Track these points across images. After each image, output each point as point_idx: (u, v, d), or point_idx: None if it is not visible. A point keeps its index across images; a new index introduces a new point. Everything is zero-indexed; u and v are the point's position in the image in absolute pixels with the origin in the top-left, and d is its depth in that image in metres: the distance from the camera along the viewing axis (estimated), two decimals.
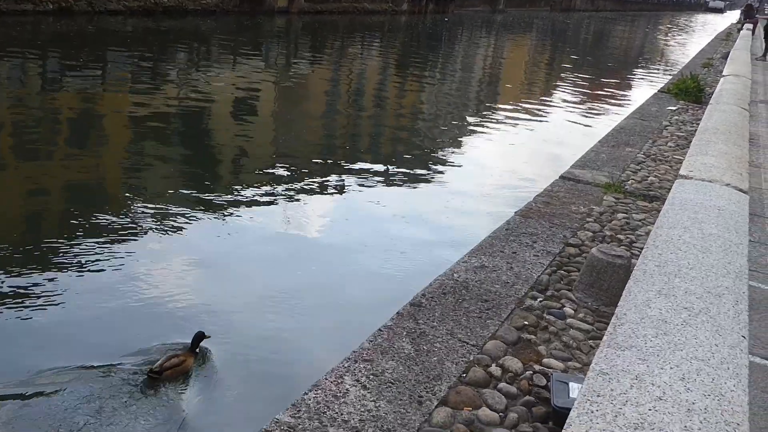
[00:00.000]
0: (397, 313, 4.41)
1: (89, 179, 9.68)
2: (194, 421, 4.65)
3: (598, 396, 1.56)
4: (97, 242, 7.11)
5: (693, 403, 1.55)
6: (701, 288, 2.13)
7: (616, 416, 1.53)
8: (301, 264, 7.37)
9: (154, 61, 20.32)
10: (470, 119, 17.10)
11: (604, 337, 1.87)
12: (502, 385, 3.79)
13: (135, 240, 7.48)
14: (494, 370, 3.91)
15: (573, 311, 4.78)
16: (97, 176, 9.93)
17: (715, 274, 2.25)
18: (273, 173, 10.65)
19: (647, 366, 1.68)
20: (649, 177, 8.41)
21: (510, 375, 3.89)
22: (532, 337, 4.37)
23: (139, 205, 8.46)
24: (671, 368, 1.68)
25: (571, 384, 3.57)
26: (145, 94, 15.41)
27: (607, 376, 1.63)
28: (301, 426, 3.10)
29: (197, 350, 5.20)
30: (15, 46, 18.99)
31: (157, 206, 8.42)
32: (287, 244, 7.97)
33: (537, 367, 4.01)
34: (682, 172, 3.71)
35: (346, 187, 10.11)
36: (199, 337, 5.21)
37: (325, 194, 9.81)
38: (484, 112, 17.79)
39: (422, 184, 10.64)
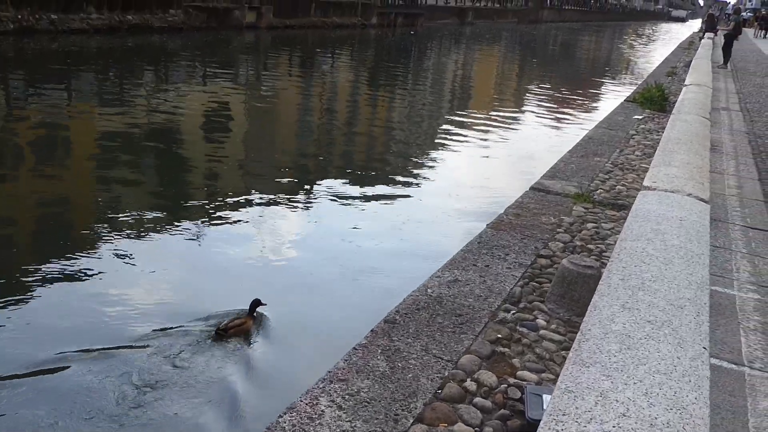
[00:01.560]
0: (372, 330, 4.42)
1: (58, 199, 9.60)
2: (253, 369, 5.65)
3: (564, 414, 1.58)
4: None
5: (656, 418, 1.57)
6: (664, 300, 2.17)
7: None
8: (271, 280, 7.35)
9: (121, 80, 20.20)
10: (440, 132, 17.19)
11: (570, 354, 1.90)
12: (477, 399, 3.81)
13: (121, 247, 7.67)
14: (469, 384, 3.93)
15: (545, 323, 4.82)
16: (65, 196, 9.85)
17: (677, 285, 2.29)
18: (243, 190, 10.63)
19: (611, 382, 1.70)
20: (617, 186, 8.52)
21: (485, 389, 3.91)
22: (506, 350, 4.40)
23: (109, 224, 8.44)
24: (635, 383, 1.71)
25: (544, 396, 3.61)
26: (112, 113, 15.27)
27: (573, 394, 1.65)
28: None
29: (255, 314, 6.15)
30: None
31: (128, 222, 8.39)
32: (259, 259, 7.95)
33: (511, 380, 4.03)
34: (645, 182, 3.77)
35: (316, 203, 10.11)
36: (256, 303, 6.15)
37: (295, 210, 9.80)
38: (454, 125, 17.89)
39: (393, 199, 10.67)
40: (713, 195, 4.06)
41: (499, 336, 4.54)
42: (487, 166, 13.43)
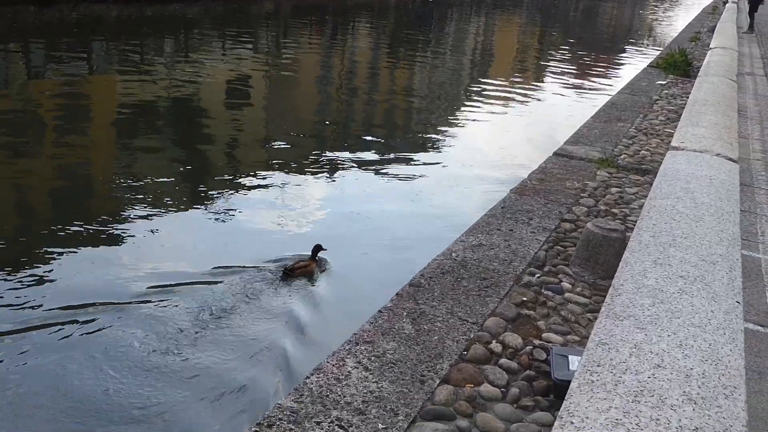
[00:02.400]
0: (397, 294, 4.42)
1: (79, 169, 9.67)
2: (316, 303, 6.30)
3: (598, 366, 1.57)
4: None
5: (691, 369, 1.56)
6: (696, 256, 2.14)
7: (616, 385, 1.54)
8: (296, 249, 7.38)
9: (142, 49, 20.14)
10: (462, 99, 17.07)
11: (602, 308, 1.88)
12: (502, 361, 3.80)
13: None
14: (495, 346, 3.93)
15: (570, 286, 4.80)
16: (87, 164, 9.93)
17: (708, 242, 2.26)
18: (267, 158, 10.66)
19: (645, 335, 1.69)
20: (641, 151, 8.42)
21: (510, 351, 3.91)
22: (531, 312, 4.39)
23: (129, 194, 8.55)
24: (669, 336, 1.69)
25: (570, 357, 3.60)
26: (133, 82, 15.26)
27: (606, 346, 1.64)
28: (304, 410, 3.12)
29: (317, 258, 6.80)
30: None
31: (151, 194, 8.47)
32: (282, 228, 7.98)
33: (537, 341, 4.03)
34: (673, 143, 3.71)
35: (340, 171, 10.11)
36: (318, 248, 6.80)
37: (319, 178, 9.81)
38: (476, 92, 17.74)
39: (416, 165, 10.64)
40: (738, 159, 4.00)
41: (524, 299, 4.53)
42: (510, 132, 13.33)
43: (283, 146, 11.45)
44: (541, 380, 3.64)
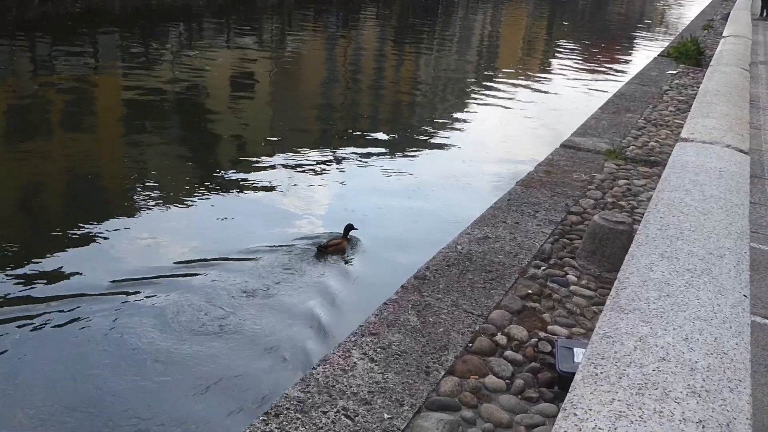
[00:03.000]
0: (402, 286, 4.45)
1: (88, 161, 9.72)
2: (348, 277, 6.78)
3: (602, 358, 1.59)
4: None
5: (696, 362, 1.58)
6: (703, 249, 2.16)
7: (620, 377, 1.56)
8: (302, 238, 7.43)
9: (145, 41, 20.14)
10: (469, 90, 17.05)
11: (608, 301, 1.90)
12: (507, 353, 3.83)
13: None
14: (500, 338, 3.95)
15: (576, 278, 4.82)
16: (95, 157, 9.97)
17: (716, 235, 2.28)
18: (274, 148, 10.67)
19: (650, 328, 1.71)
20: (650, 142, 8.41)
21: (515, 343, 3.94)
22: (537, 305, 4.41)
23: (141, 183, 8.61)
24: (674, 329, 1.71)
25: (575, 349, 3.62)
26: (138, 74, 15.30)
27: (611, 339, 1.66)
28: (311, 400, 3.15)
29: (349, 237, 7.23)
30: (1, 33, 18.74)
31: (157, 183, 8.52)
32: (289, 216, 8.01)
33: (542, 334, 4.05)
34: (683, 134, 3.71)
35: (345, 162, 10.14)
36: (349, 227, 7.23)
37: (325, 169, 9.83)
38: (484, 82, 17.71)
39: (422, 156, 10.66)
40: (750, 150, 3.99)
41: (530, 291, 4.55)
42: (517, 123, 13.31)
43: (288, 137, 11.46)
44: (546, 372, 3.66)
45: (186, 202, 8.43)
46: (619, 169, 7.30)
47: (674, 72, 13.49)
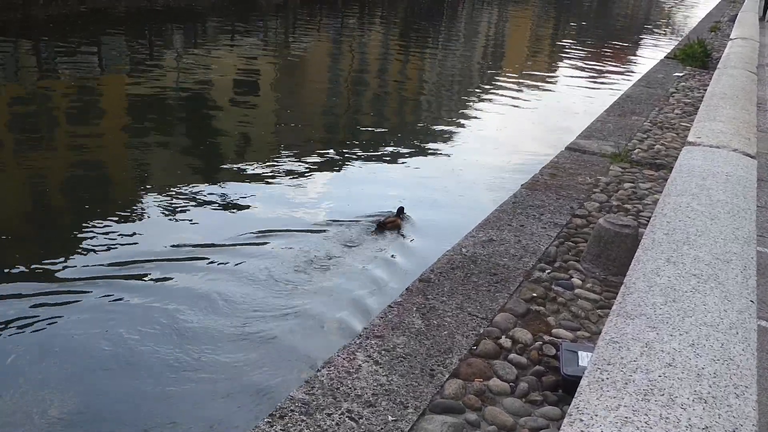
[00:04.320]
0: (407, 289, 4.47)
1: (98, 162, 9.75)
2: (402, 250, 7.38)
3: (609, 364, 1.59)
4: None
5: (702, 368, 1.58)
6: (710, 255, 2.16)
7: (626, 383, 1.56)
8: (307, 238, 7.43)
9: (150, 42, 20.16)
10: (474, 91, 17.05)
11: (614, 306, 1.91)
12: (512, 356, 3.84)
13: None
14: (504, 341, 3.96)
15: (581, 282, 4.83)
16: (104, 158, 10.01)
17: (723, 240, 2.28)
18: (278, 149, 10.70)
19: (657, 333, 1.71)
20: (655, 145, 8.40)
21: (520, 346, 3.95)
22: (541, 308, 4.42)
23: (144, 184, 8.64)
24: (681, 335, 1.71)
25: (580, 353, 3.63)
26: (143, 74, 15.32)
27: (617, 345, 1.66)
28: (315, 402, 3.16)
29: (402, 216, 7.92)
30: (6, 33, 18.78)
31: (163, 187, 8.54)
32: (294, 218, 8.01)
33: (546, 337, 4.06)
34: (690, 138, 3.71)
35: (350, 163, 10.15)
36: (401, 209, 7.95)
37: (330, 169, 9.85)
38: (488, 84, 17.70)
39: (427, 159, 10.66)
40: (757, 154, 3.99)
41: (534, 295, 4.56)
42: (523, 125, 13.31)
43: (293, 137, 11.47)
44: (551, 375, 3.67)
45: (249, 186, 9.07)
46: (625, 172, 7.30)
47: (681, 74, 13.48)
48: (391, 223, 7.80)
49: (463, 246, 5.22)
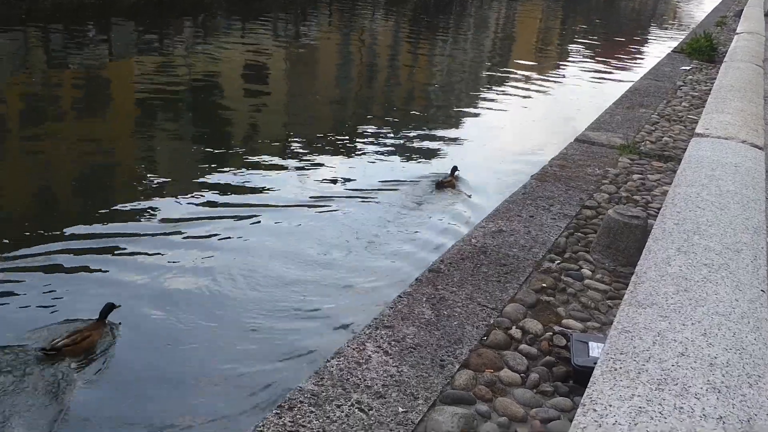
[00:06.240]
0: (416, 279, 4.43)
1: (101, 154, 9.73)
2: (464, 203, 8.27)
3: (621, 354, 1.56)
4: None
5: (715, 358, 1.54)
6: (720, 244, 2.12)
7: (639, 373, 1.53)
8: (316, 232, 7.39)
9: (161, 32, 20.03)
10: (483, 84, 16.95)
11: (625, 296, 1.87)
12: (522, 346, 3.80)
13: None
14: (515, 332, 3.92)
15: (590, 272, 4.78)
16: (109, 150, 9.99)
17: (733, 230, 2.24)
18: (287, 142, 10.65)
19: (669, 323, 1.67)
20: (663, 137, 8.32)
21: (530, 336, 3.90)
22: (551, 299, 4.38)
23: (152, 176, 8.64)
24: (693, 324, 1.67)
25: (590, 343, 3.58)
26: (152, 64, 15.23)
27: (630, 334, 1.63)
28: (325, 393, 3.13)
29: (455, 175, 8.77)
30: (15, 22, 18.62)
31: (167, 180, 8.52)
32: (304, 210, 7.97)
33: (557, 328, 4.02)
34: (698, 130, 3.66)
35: (357, 154, 10.14)
36: (455, 168, 8.83)
37: (338, 161, 9.80)
38: (498, 77, 17.60)
39: (437, 150, 10.61)
40: (765, 145, 3.93)
41: (544, 285, 4.52)
42: (532, 118, 13.22)
43: (299, 132, 11.43)
44: (561, 366, 3.63)
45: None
46: (633, 164, 7.23)
47: (688, 68, 13.35)
48: (448, 183, 8.65)
49: (472, 237, 5.18)
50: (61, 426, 4.36)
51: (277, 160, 9.55)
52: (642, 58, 21.94)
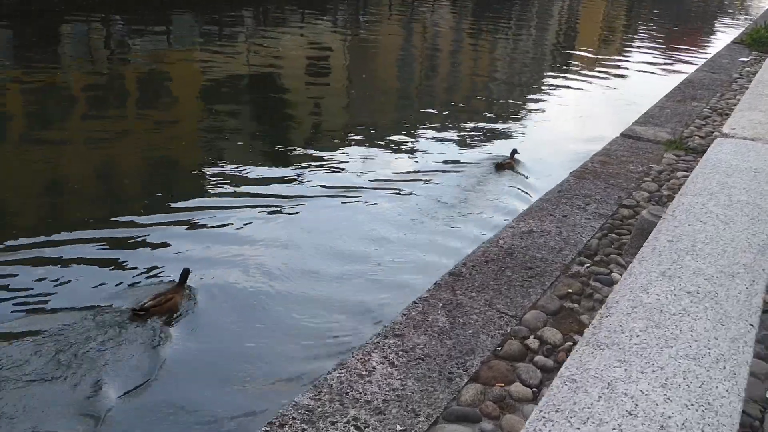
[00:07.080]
0: (435, 283, 4.15)
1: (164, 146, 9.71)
2: (522, 183, 8.34)
3: (556, 411, 1.28)
4: None
5: (669, 418, 1.24)
6: (713, 267, 1.80)
7: None
8: (385, 213, 7.25)
9: (220, 23, 19.90)
10: (539, 76, 16.36)
11: (585, 332, 1.58)
12: (538, 358, 3.49)
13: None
14: (531, 342, 3.60)
15: (620, 276, 4.40)
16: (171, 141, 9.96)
17: (733, 248, 1.90)
18: (346, 134, 10.43)
19: (625, 370, 1.38)
20: (713, 132, 7.74)
21: (548, 347, 3.58)
22: (575, 305, 4.03)
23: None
24: (653, 372, 1.37)
25: None
26: (212, 56, 15.14)
27: (574, 385, 1.34)
28: (320, 409, 2.91)
29: (515, 157, 8.87)
30: (78, 11, 18.76)
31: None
32: (355, 203, 7.74)
33: (577, 337, 3.68)
34: (724, 129, 3.27)
35: (421, 138, 10.08)
36: (514, 151, 8.88)
37: (398, 149, 9.58)
38: (555, 70, 16.96)
39: (497, 135, 10.36)
40: None
41: (570, 291, 4.17)
42: (582, 111, 12.64)
43: (358, 124, 11.21)
44: None
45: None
46: (679, 160, 6.74)
47: (746, 59, 12.51)
48: (507, 164, 8.73)
49: (500, 237, 4.86)
50: (161, 373, 4.47)
51: (343, 148, 9.55)
52: (702, 49, 20.82)
